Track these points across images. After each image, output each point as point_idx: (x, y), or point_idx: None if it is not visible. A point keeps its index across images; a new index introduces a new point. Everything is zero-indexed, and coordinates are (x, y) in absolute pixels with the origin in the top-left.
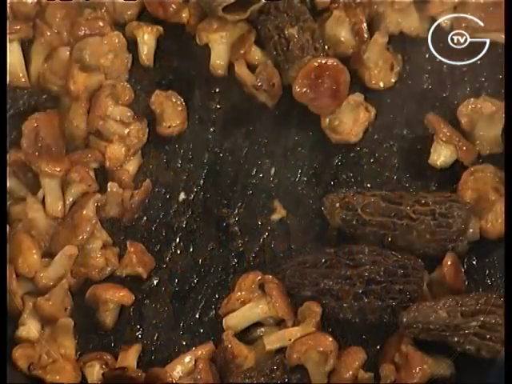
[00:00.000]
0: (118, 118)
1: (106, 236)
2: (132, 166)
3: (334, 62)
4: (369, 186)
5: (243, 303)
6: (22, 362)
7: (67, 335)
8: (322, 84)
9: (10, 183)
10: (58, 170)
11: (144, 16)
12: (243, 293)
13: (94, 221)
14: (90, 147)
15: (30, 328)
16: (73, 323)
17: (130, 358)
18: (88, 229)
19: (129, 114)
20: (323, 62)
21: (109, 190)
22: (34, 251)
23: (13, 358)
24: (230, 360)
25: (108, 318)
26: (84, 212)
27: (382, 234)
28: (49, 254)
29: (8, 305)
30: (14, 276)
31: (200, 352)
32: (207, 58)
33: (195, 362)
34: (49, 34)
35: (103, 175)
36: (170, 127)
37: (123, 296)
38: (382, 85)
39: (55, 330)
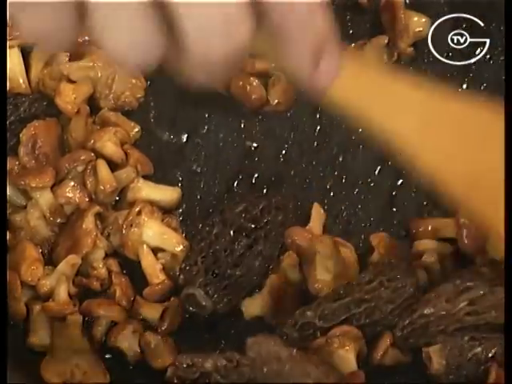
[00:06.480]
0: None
1: (107, 244)
2: None
3: None
4: (368, 182)
5: None
6: (55, 380)
7: (77, 332)
8: None
9: (9, 191)
10: (47, 180)
11: None
12: None
13: (94, 233)
14: None
15: (39, 334)
16: (81, 319)
17: None
18: (89, 242)
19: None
20: None
21: None
22: (36, 259)
23: (43, 376)
24: None
25: (99, 333)
26: (84, 226)
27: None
28: (51, 262)
29: (13, 312)
30: (19, 283)
31: None
32: None
33: None
34: None
35: None
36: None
37: (114, 313)
38: None
39: (65, 329)
